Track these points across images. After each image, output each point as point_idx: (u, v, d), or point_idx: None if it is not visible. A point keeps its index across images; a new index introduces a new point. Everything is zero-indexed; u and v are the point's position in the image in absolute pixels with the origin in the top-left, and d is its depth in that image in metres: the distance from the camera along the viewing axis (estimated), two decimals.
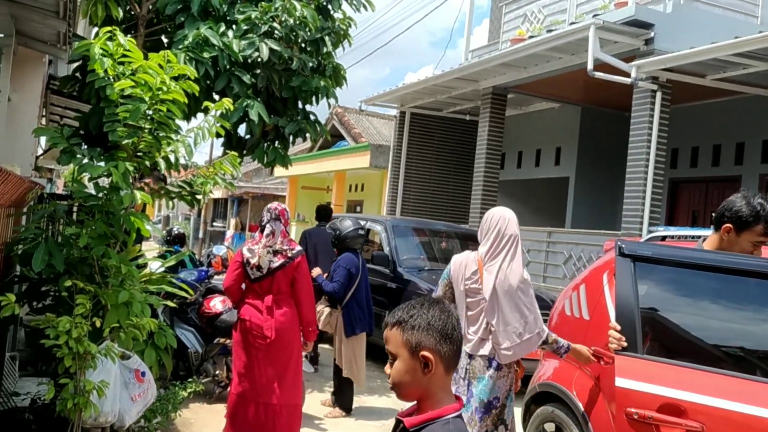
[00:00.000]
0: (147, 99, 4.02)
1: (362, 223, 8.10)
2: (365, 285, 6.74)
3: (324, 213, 8.72)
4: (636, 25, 9.43)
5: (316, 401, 6.87)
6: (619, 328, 3.58)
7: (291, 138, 7.28)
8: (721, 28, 9.43)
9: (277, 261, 5.01)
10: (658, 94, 9.36)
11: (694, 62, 8.86)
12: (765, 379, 3.23)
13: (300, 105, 7.30)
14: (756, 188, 11.20)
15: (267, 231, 5.10)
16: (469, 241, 10.23)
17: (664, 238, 4.39)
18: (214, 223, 31.02)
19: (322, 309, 6.61)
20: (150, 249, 8.44)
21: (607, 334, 3.62)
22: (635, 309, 3.62)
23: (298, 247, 5.14)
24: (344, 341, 6.49)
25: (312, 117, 7.41)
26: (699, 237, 4.42)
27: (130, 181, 4.10)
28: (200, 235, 27.63)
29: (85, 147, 4.54)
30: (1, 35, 5.64)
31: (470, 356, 3.96)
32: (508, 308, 3.86)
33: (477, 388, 3.91)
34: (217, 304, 6.62)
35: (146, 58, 4.08)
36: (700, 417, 3.22)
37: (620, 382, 3.51)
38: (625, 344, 3.56)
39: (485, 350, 3.90)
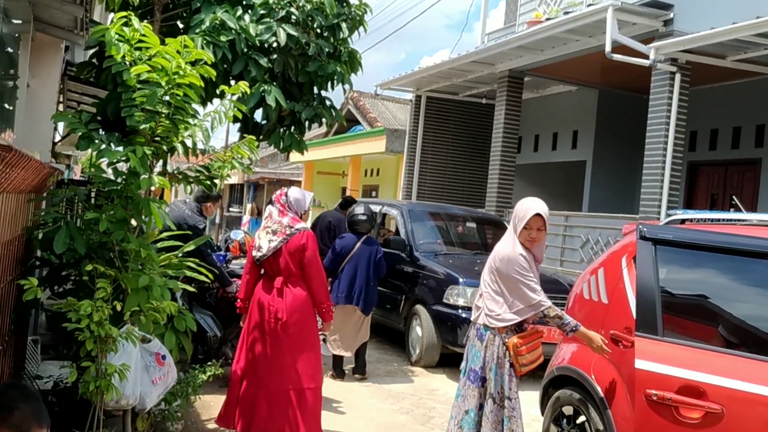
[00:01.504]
0: (164, 84, 4.02)
1: (375, 208, 8.58)
2: (362, 265, 7.38)
3: (343, 201, 9.45)
4: (655, 6, 9.32)
5: (331, 383, 6.91)
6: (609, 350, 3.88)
7: (307, 123, 7.28)
8: (742, 8, 9.27)
9: (276, 239, 5.06)
10: (677, 76, 9.25)
11: (713, 43, 8.74)
12: None
13: (316, 90, 7.30)
14: None
15: (264, 215, 5.32)
16: (486, 225, 10.23)
17: (683, 221, 4.34)
18: (231, 209, 31.15)
19: None
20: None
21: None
22: (656, 292, 3.62)
23: (301, 224, 5.15)
24: None
25: (328, 102, 7.41)
26: (719, 220, 4.38)
27: (148, 165, 4.12)
28: (217, 220, 27.74)
29: (103, 132, 4.56)
30: (20, 21, 5.67)
31: (471, 323, 4.35)
32: (495, 280, 4.18)
33: (469, 354, 4.27)
34: (236, 287, 6.67)
35: (163, 43, 4.09)
36: (721, 399, 3.22)
37: (640, 363, 3.52)
38: (632, 339, 3.72)
39: (474, 317, 4.28)
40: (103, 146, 4.12)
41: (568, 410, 4.31)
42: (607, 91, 13.58)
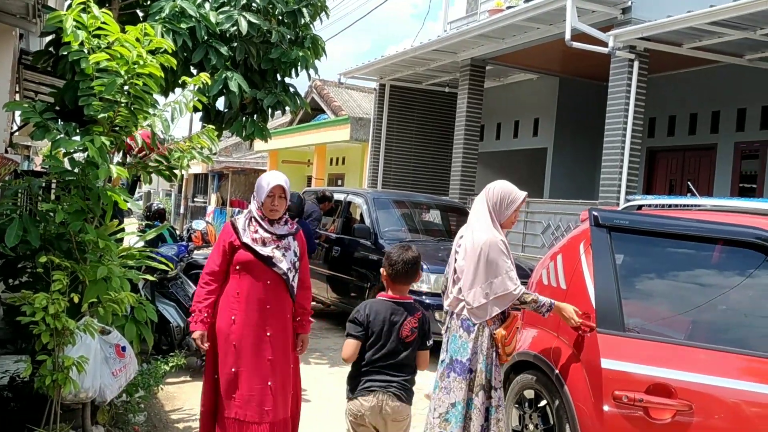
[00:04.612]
0: (123, 73, 3.96)
1: (340, 197, 8.74)
2: None
3: (321, 196, 9.70)
4: None
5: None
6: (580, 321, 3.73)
7: (270, 110, 7.24)
8: None
9: None
10: (635, 64, 9.39)
11: (670, 31, 8.89)
12: (754, 352, 3.16)
13: (279, 77, 7.26)
14: (731, 156, 11.32)
15: None
16: (450, 212, 10.29)
17: (640, 207, 4.41)
18: (195, 199, 30.88)
19: None
20: (130, 224, 8.41)
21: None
22: (615, 283, 3.51)
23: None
24: None
25: (291, 89, 7.37)
26: (675, 205, 4.46)
27: (107, 155, 4.06)
28: (181, 210, 27.48)
29: (61, 122, 4.48)
30: None
31: (450, 314, 4.13)
32: (474, 268, 3.97)
33: (450, 345, 4.07)
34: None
35: (123, 31, 4.02)
36: (688, 396, 3.14)
37: (606, 363, 3.40)
38: (592, 325, 3.61)
39: (458, 309, 4.06)
40: (60, 136, 4.05)
41: (529, 394, 4.37)
42: (568, 79, 13.73)
